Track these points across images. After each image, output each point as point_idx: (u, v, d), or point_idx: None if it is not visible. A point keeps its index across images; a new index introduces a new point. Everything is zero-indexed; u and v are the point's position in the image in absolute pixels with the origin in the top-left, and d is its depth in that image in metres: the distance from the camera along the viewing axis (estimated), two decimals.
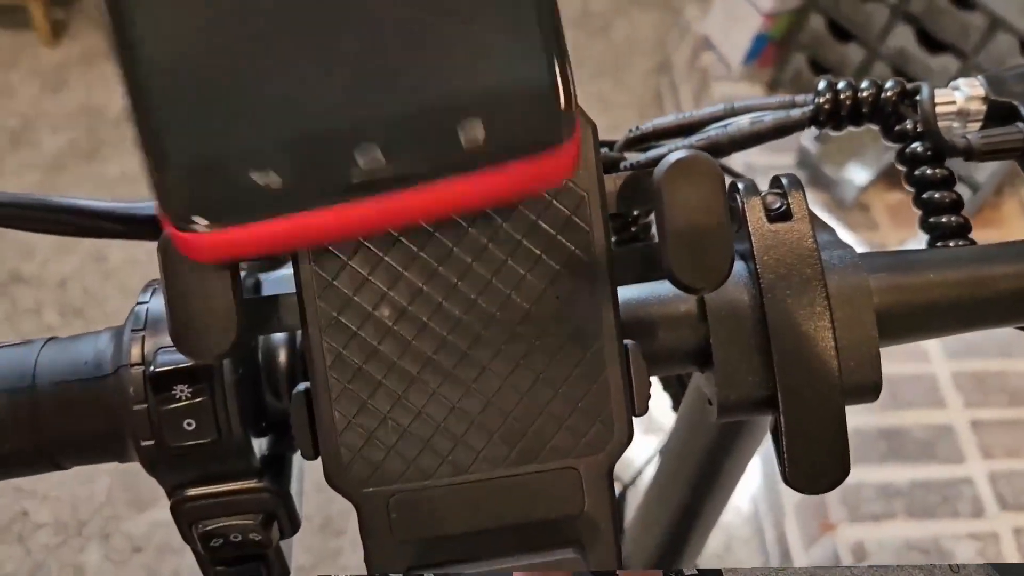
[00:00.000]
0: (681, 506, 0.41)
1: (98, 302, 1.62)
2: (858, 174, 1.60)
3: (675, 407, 0.45)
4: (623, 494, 0.57)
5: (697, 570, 0.19)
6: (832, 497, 1.28)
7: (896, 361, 1.41)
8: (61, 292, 1.64)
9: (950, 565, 0.28)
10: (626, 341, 0.26)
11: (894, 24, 1.57)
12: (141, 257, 1.70)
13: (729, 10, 1.82)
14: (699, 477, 0.40)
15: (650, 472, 0.45)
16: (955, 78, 0.37)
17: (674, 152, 0.23)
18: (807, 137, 1.65)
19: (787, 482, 0.29)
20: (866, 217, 1.61)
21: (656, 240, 0.24)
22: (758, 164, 1.56)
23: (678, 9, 2.16)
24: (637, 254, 0.28)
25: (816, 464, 0.29)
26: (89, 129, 1.89)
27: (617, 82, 2.09)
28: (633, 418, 0.26)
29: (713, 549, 1.40)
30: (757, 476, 1.43)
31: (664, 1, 2.31)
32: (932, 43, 1.54)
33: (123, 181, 1.80)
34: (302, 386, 0.26)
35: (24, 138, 1.87)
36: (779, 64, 1.81)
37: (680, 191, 0.23)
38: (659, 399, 0.39)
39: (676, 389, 0.46)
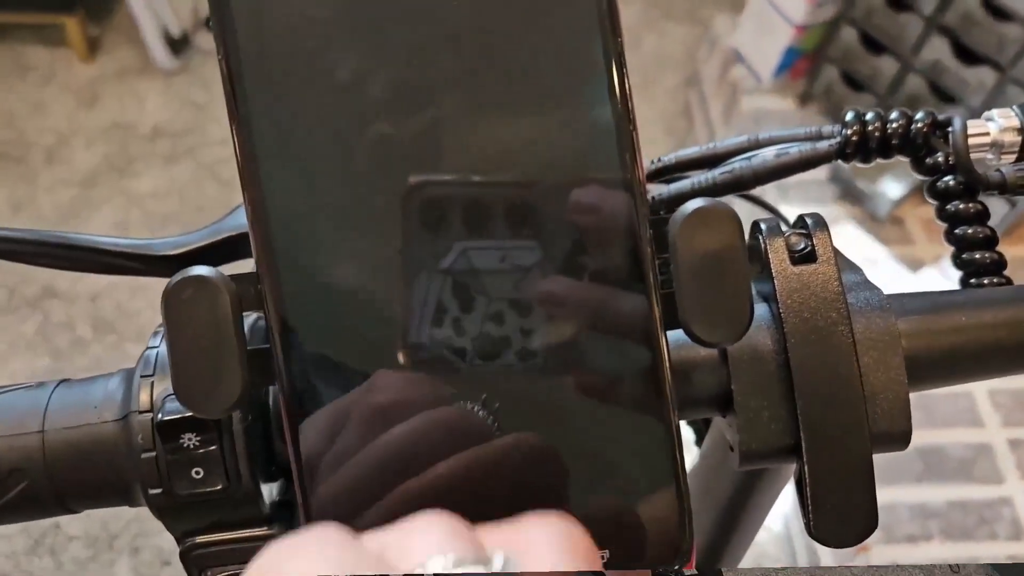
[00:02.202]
0: (704, 546, 0.40)
1: (129, 317, 1.64)
2: (892, 188, 1.57)
3: (698, 443, 0.44)
4: None
5: (697, 570, 0.18)
6: None
7: None
8: (93, 307, 1.66)
9: (950, 565, 0.28)
10: None
11: (928, 36, 1.55)
12: None
13: (759, 22, 1.81)
14: (721, 520, 0.39)
15: None
16: (991, 91, 0.36)
17: (691, 202, 0.22)
18: None
19: (812, 535, 0.28)
20: (900, 231, 1.58)
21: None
22: (789, 181, 1.53)
23: (707, 22, 2.14)
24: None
25: (843, 516, 0.28)
26: (122, 144, 1.91)
27: (646, 96, 2.08)
28: None
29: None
30: (789, 497, 1.41)
31: (693, 15, 2.29)
32: (967, 55, 1.51)
33: (154, 197, 1.82)
34: None
35: (58, 154, 1.90)
36: (810, 77, 1.79)
37: (695, 244, 0.22)
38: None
39: (699, 425, 0.45)
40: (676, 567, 0.23)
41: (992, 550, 1.24)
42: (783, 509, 1.40)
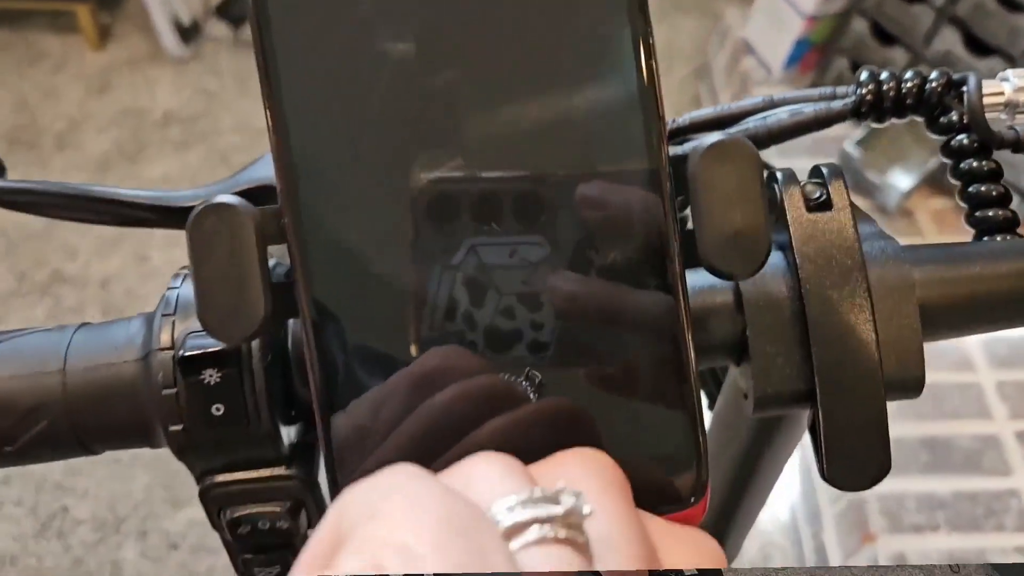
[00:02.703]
0: (718, 505, 0.40)
1: (139, 301, 1.65)
2: (901, 179, 1.57)
3: (711, 406, 0.44)
4: None
5: (697, 570, 0.18)
6: (872, 507, 1.26)
7: (940, 370, 1.39)
8: (103, 292, 1.67)
9: (950, 565, 0.28)
10: None
11: (940, 27, 1.54)
12: (181, 258, 1.72)
13: (770, 14, 1.81)
14: (737, 474, 0.39)
15: None
16: None
17: (709, 136, 0.23)
18: (850, 142, 1.62)
19: (825, 478, 0.28)
20: (910, 223, 1.58)
21: (691, 228, 0.23)
22: (798, 168, 1.53)
23: (718, 14, 2.14)
24: None
25: (856, 460, 0.28)
26: (133, 131, 1.92)
27: None
28: None
29: (751, 557, 1.38)
30: (796, 485, 1.41)
31: (704, 7, 2.29)
32: (979, 46, 1.50)
33: (165, 182, 1.83)
34: None
35: (70, 140, 1.91)
36: (820, 68, 1.79)
37: (715, 175, 0.22)
38: None
39: (712, 388, 0.45)
40: (692, 500, 0.23)
41: (999, 541, 1.24)
42: (791, 496, 1.40)
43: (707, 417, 0.44)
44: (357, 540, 0.16)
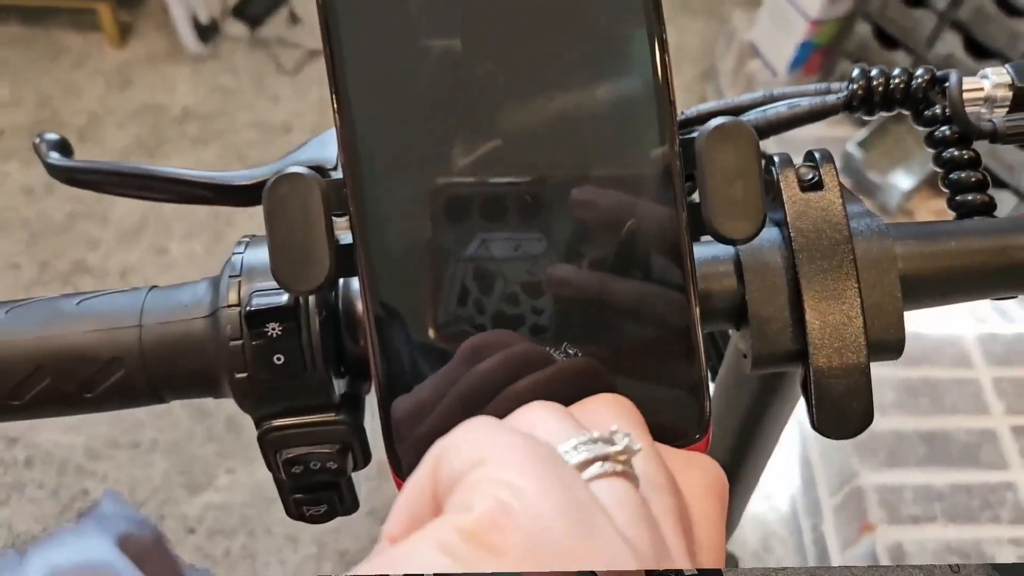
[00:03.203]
0: (725, 464, 0.44)
1: None
2: (902, 180, 1.60)
3: (712, 378, 0.48)
4: None
5: (697, 570, 0.21)
6: (871, 498, 1.29)
7: (939, 366, 1.41)
8: (122, 282, 1.70)
9: (950, 565, 0.30)
10: None
11: (941, 31, 1.57)
12: (199, 251, 1.76)
13: (776, 17, 1.84)
14: (741, 435, 0.42)
15: None
16: None
17: (714, 120, 0.26)
18: (852, 143, 1.65)
19: (815, 427, 0.31)
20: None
21: (695, 202, 0.27)
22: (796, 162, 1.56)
23: (725, 17, 2.17)
24: None
25: (843, 413, 0.31)
26: (152, 126, 1.96)
27: None
28: None
29: (752, 548, 1.41)
30: (796, 478, 1.44)
31: (712, 9, 2.32)
32: (980, 50, 1.53)
33: None
34: None
35: (90, 134, 1.94)
36: (825, 71, 1.82)
37: (719, 152, 0.25)
38: None
39: (714, 361, 0.48)
40: (697, 436, 0.26)
41: (995, 533, 1.27)
42: (791, 488, 1.43)
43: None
44: (471, 482, 0.19)
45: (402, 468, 0.25)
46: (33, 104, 2.00)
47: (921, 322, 1.44)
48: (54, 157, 0.39)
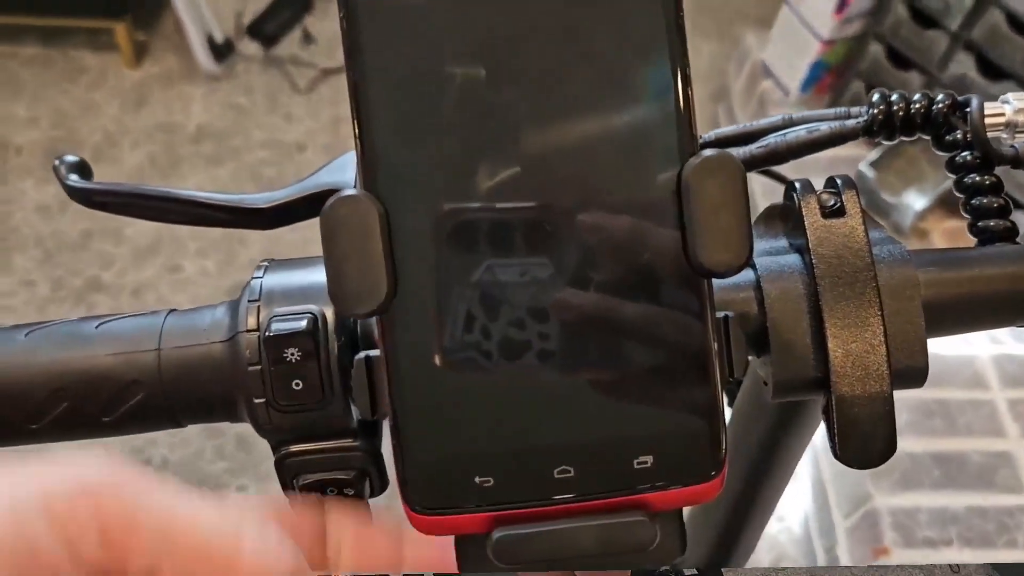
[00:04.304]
0: (740, 491, 0.44)
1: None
2: (916, 200, 1.60)
3: (730, 403, 0.48)
4: None
5: (697, 570, 0.21)
6: (885, 521, 1.27)
7: (954, 388, 1.40)
8: (136, 300, 1.71)
9: (950, 565, 0.30)
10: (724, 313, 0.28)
11: (954, 51, 1.57)
12: (212, 269, 1.77)
13: (788, 37, 1.84)
14: (757, 462, 0.42)
15: None
16: None
17: (702, 152, 0.25)
18: (865, 163, 1.65)
19: (837, 457, 0.31)
20: (924, 243, 1.60)
21: None
22: (818, 186, 1.55)
23: (737, 38, 2.18)
24: None
25: (865, 442, 0.30)
26: (167, 145, 1.98)
27: None
28: None
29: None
30: (809, 500, 1.43)
31: (722, 30, 2.33)
32: (993, 70, 1.53)
33: None
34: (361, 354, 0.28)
35: (106, 154, 1.96)
36: (836, 91, 1.82)
37: (705, 185, 0.24)
38: None
39: (732, 386, 0.48)
40: (712, 474, 0.25)
41: (1011, 556, 1.25)
42: (804, 510, 1.42)
43: (726, 411, 0.47)
44: None
45: (413, 501, 0.25)
46: (49, 122, 2.02)
47: (935, 342, 1.43)
48: (73, 179, 0.40)
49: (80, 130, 1.99)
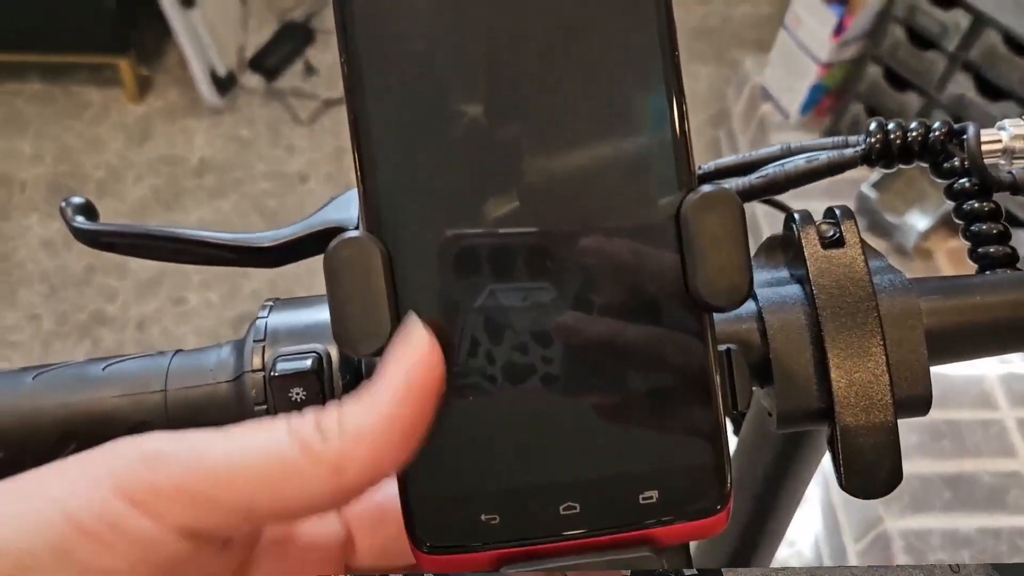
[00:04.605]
0: (748, 520, 0.43)
1: (175, 342, 1.69)
2: (918, 220, 1.60)
3: (736, 431, 0.47)
4: None
5: (697, 570, 0.21)
6: (896, 545, 1.26)
7: (962, 408, 1.40)
8: (140, 333, 1.72)
9: (950, 565, 0.30)
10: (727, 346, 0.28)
11: (952, 72, 1.58)
12: (216, 301, 1.77)
13: (786, 61, 1.85)
14: (761, 495, 0.42)
15: None
16: None
17: (700, 188, 0.25)
18: (866, 185, 1.65)
19: (843, 487, 0.31)
20: (927, 264, 1.60)
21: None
22: (817, 208, 1.56)
23: (734, 62, 2.19)
24: None
25: (870, 471, 0.30)
26: (170, 178, 1.99)
27: None
28: None
29: None
30: (819, 523, 1.42)
31: (721, 54, 2.35)
32: (992, 90, 1.54)
33: (201, 228, 1.89)
34: None
35: (110, 188, 1.97)
36: (836, 113, 1.83)
37: (704, 221, 0.24)
38: None
39: (738, 416, 0.48)
40: (718, 508, 0.25)
41: None
42: (814, 533, 1.41)
43: (732, 440, 0.47)
44: None
45: (420, 541, 0.25)
46: (53, 158, 2.03)
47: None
48: (79, 221, 0.40)
49: (84, 165, 2.01)
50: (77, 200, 0.41)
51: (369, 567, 0.29)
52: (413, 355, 0.23)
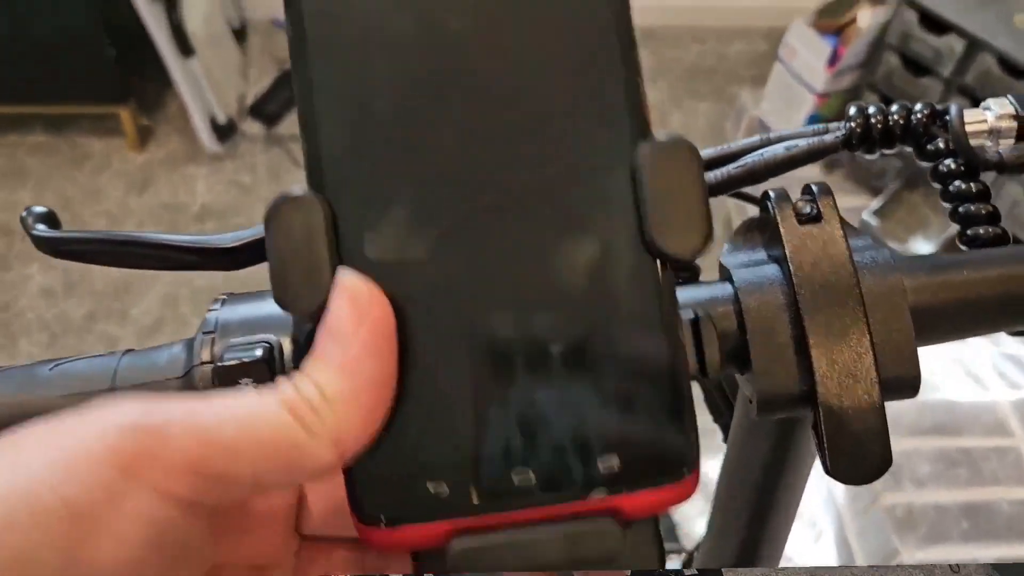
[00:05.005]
0: (750, 515, 0.42)
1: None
2: (922, 247, 1.59)
3: (725, 439, 0.46)
4: None
5: (697, 570, 0.19)
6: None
7: (975, 436, 1.37)
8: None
9: (950, 565, 0.28)
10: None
11: (948, 96, 1.58)
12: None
13: (782, 92, 1.86)
14: (761, 488, 0.40)
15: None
16: None
17: (657, 135, 0.24)
18: (868, 212, 1.64)
19: (828, 472, 0.29)
20: None
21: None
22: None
23: (730, 97, 2.20)
24: None
25: (857, 456, 0.29)
26: (172, 224, 2.00)
27: None
28: None
29: None
30: (833, 556, 1.38)
31: (718, 90, 2.36)
32: None
33: (201, 274, 1.89)
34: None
35: None
36: None
37: (659, 169, 0.23)
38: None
39: (726, 420, 0.46)
40: (685, 471, 0.23)
41: None
42: (823, 556, 1.37)
43: (722, 446, 0.45)
44: None
45: (362, 514, 0.23)
46: (54, 208, 2.04)
47: (951, 389, 1.40)
48: (40, 229, 0.39)
49: (84, 214, 2.02)
50: (39, 209, 0.40)
51: (321, 528, 0.27)
52: (368, 308, 0.22)
